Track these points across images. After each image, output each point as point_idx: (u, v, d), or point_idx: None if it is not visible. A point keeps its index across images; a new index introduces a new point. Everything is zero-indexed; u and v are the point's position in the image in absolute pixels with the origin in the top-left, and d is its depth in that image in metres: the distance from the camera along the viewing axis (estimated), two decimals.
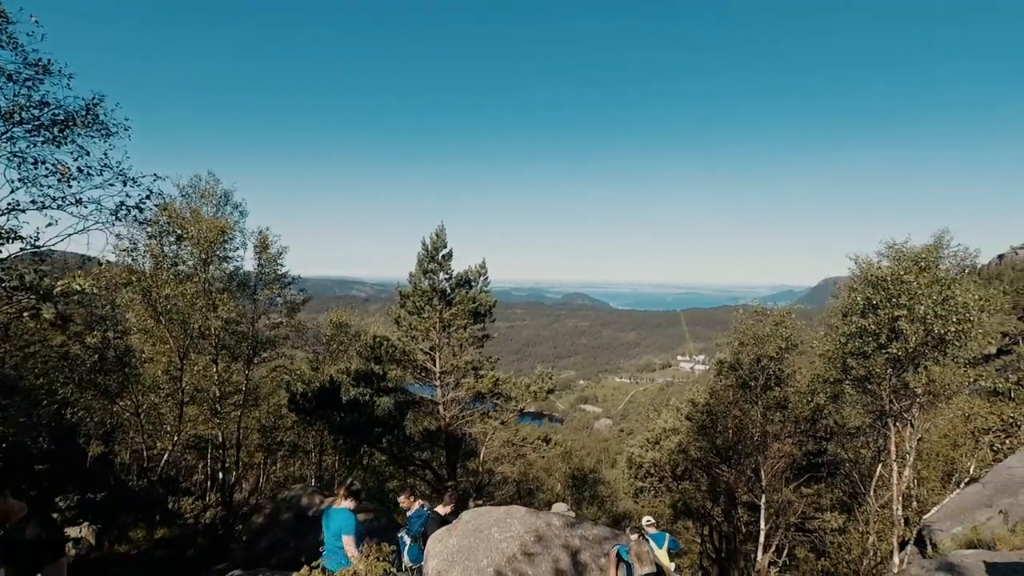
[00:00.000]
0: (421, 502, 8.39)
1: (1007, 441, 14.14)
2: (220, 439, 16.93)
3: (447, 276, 15.57)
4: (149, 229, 13.56)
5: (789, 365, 15.69)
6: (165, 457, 15.19)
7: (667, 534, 7.77)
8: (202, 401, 16.51)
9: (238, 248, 16.20)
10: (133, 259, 13.95)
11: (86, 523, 10.76)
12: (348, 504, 6.19)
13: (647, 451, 22.41)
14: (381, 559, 4.92)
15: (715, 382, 17.94)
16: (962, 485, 13.06)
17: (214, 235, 14.81)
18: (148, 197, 8.02)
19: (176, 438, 15.05)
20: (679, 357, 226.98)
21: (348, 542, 5.78)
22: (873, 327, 12.04)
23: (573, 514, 9.54)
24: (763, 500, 15.00)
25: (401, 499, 8.60)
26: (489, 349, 17.56)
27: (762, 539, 15.04)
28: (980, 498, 11.41)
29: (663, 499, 22.07)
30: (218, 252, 15.47)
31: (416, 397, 16.48)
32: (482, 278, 16.13)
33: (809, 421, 15.64)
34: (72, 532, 10.38)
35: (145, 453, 15.29)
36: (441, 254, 15.44)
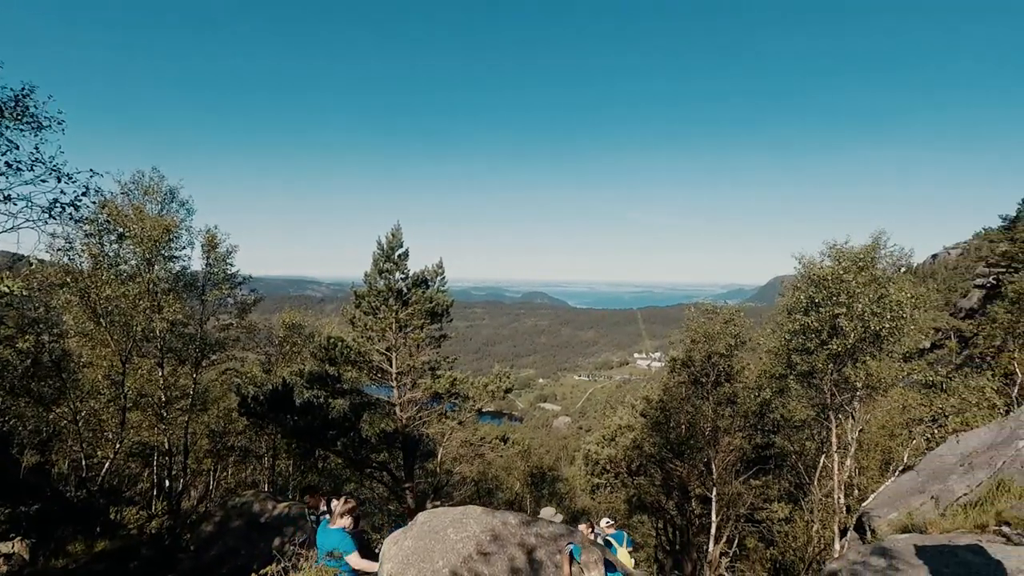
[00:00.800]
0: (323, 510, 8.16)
1: (936, 431, 14.97)
2: (166, 446, 16.31)
3: (403, 276, 15.41)
4: (87, 227, 12.93)
5: (738, 361, 16.23)
6: (106, 466, 14.52)
7: (625, 532, 7.93)
8: (146, 406, 15.87)
9: (185, 247, 15.64)
10: (70, 258, 13.27)
11: (19, 537, 10.20)
12: (344, 523, 6.29)
13: (603, 448, 22.78)
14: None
15: (668, 379, 18.40)
16: (897, 473, 13.76)
17: (159, 234, 14.25)
18: (84, 194, 7.67)
19: (118, 446, 14.41)
20: (636, 355, 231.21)
21: (354, 559, 6.06)
22: (816, 324, 12.60)
23: (560, 519, 9.58)
24: (714, 493, 15.47)
25: (308, 499, 8.27)
26: (448, 349, 17.48)
27: (713, 530, 15.50)
28: (914, 485, 11.96)
29: (619, 495, 22.47)
30: (163, 251, 14.89)
31: (372, 398, 16.25)
32: (439, 278, 16.03)
33: (757, 415, 16.23)
34: (3, 547, 9.82)
35: (84, 462, 14.57)
36: (397, 253, 15.26)
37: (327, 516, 6.97)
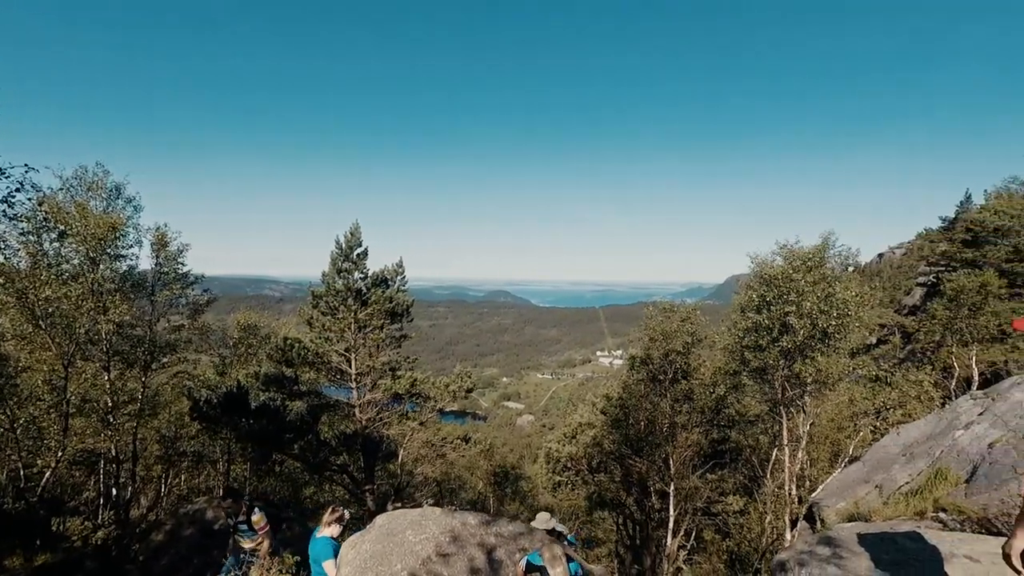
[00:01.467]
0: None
1: (881, 423, 15.66)
2: (113, 452, 15.64)
3: (362, 275, 15.21)
4: (23, 225, 12.28)
5: (695, 359, 16.61)
6: (48, 475, 13.81)
7: (566, 532, 8.00)
8: (91, 412, 15.17)
9: (132, 246, 15.00)
10: (5, 257, 12.58)
11: None
12: (331, 531, 6.62)
13: (564, 446, 22.97)
14: (284, 571, 4.77)
15: (628, 377, 18.68)
16: (844, 464, 14.32)
17: (104, 232, 13.63)
18: (19, 190, 7.28)
19: (60, 454, 13.73)
20: (599, 352, 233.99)
21: (328, 566, 6.32)
22: (767, 322, 13.01)
23: (554, 523, 9.57)
24: (672, 487, 15.79)
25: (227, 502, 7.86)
26: (410, 348, 17.35)
27: (671, 524, 15.83)
28: (860, 475, 12.44)
29: (580, 492, 22.70)
30: (108, 250, 14.25)
31: (331, 400, 15.99)
32: (399, 277, 15.89)
33: (713, 411, 16.65)
34: None
35: (22, 472, 13.85)
36: (356, 253, 15.06)
37: (244, 524, 6.79)
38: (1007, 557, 2.72)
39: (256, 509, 6.82)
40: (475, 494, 29.09)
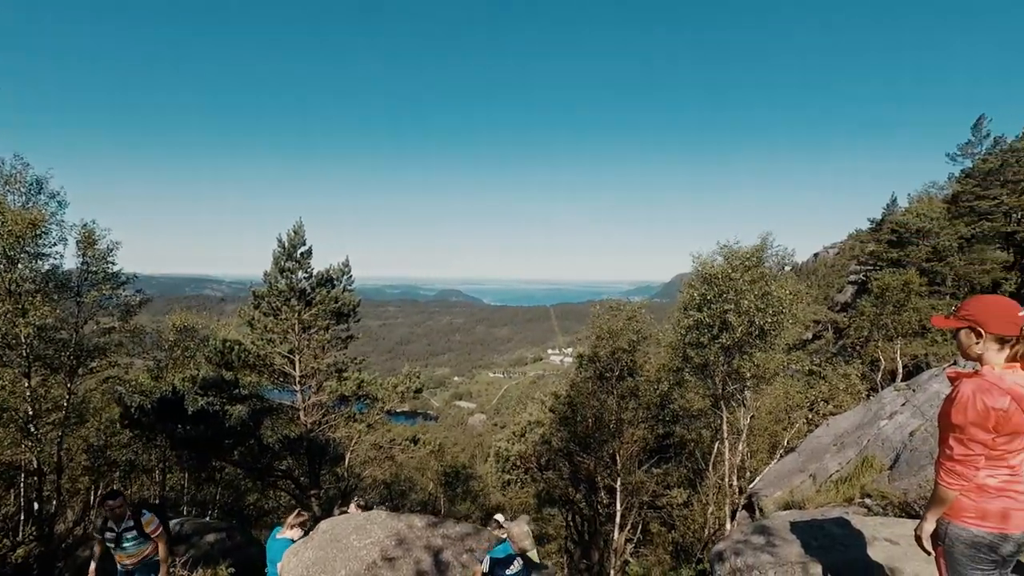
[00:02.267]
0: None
1: (815, 416, 16.46)
2: (35, 464, 14.68)
3: (307, 275, 14.82)
4: None
5: (641, 356, 16.99)
6: None
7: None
8: (9, 421, 14.18)
9: (56, 244, 14.11)
10: None
11: None
12: (292, 534, 6.63)
13: (513, 444, 23.05)
14: None
15: (576, 375, 18.92)
16: (781, 455, 14.96)
17: (22, 228, 12.76)
18: None
19: None
20: (550, 350, 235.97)
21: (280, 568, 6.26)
22: (708, 320, 13.46)
23: (506, 524, 9.49)
24: (619, 483, 16.10)
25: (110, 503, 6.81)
26: (359, 349, 17.04)
27: (618, 519, 16.13)
28: (796, 464, 12.99)
29: (529, 489, 22.83)
30: (28, 248, 13.36)
31: (274, 403, 15.52)
32: (346, 276, 15.56)
33: (658, 407, 17.08)
34: None
35: None
36: (300, 252, 14.65)
37: (133, 530, 5.92)
38: (918, 539, 2.89)
39: (145, 511, 6.10)
40: (425, 495, 28.85)
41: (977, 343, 2.67)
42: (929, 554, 2.87)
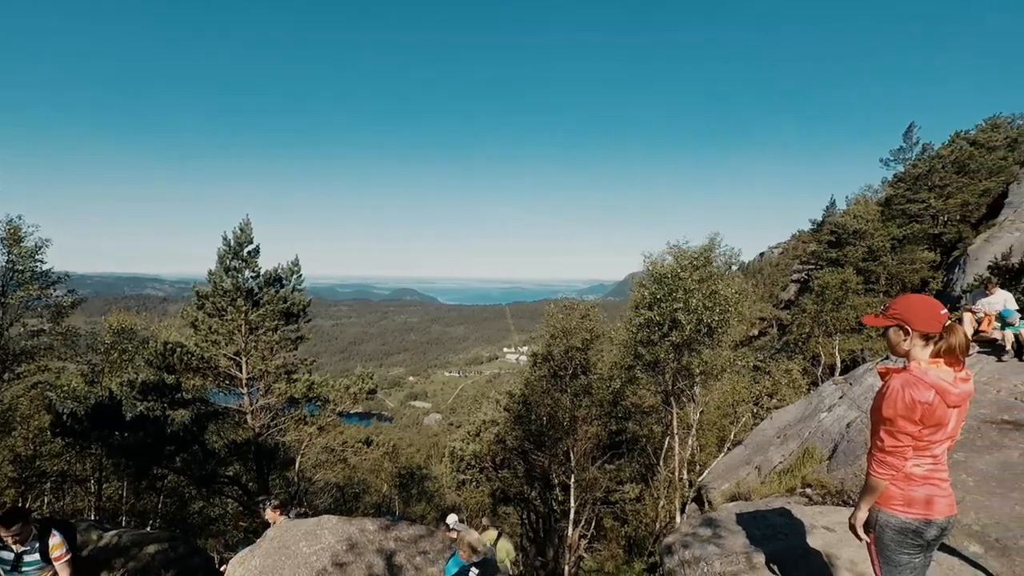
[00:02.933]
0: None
1: (760, 410, 17.08)
2: None
3: (254, 274, 14.33)
4: None
5: (594, 354, 17.23)
6: None
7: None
8: None
9: None
10: None
11: None
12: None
13: (468, 444, 22.99)
14: None
15: (530, 373, 19.03)
16: (729, 448, 15.45)
17: None
18: None
19: None
20: (505, 349, 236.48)
21: None
22: (658, 318, 13.77)
23: (464, 525, 9.33)
24: (573, 479, 16.27)
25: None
26: (310, 349, 16.62)
27: (572, 515, 16.31)
28: (742, 457, 13.40)
29: (484, 489, 22.83)
30: None
31: (220, 407, 14.95)
32: (295, 276, 15.13)
33: (611, 404, 17.35)
34: None
35: None
36: (247, 250, 14.16)
37: (36, 552, 5.01)
38: (852, 527, 3.02)
39: (54, 531, 5.09)
40: (379, 497, 28.45)
41: (904, 340, 2.81)
42: (861, 540, 3.01)
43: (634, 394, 17.48)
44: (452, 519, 9.05)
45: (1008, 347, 9.29)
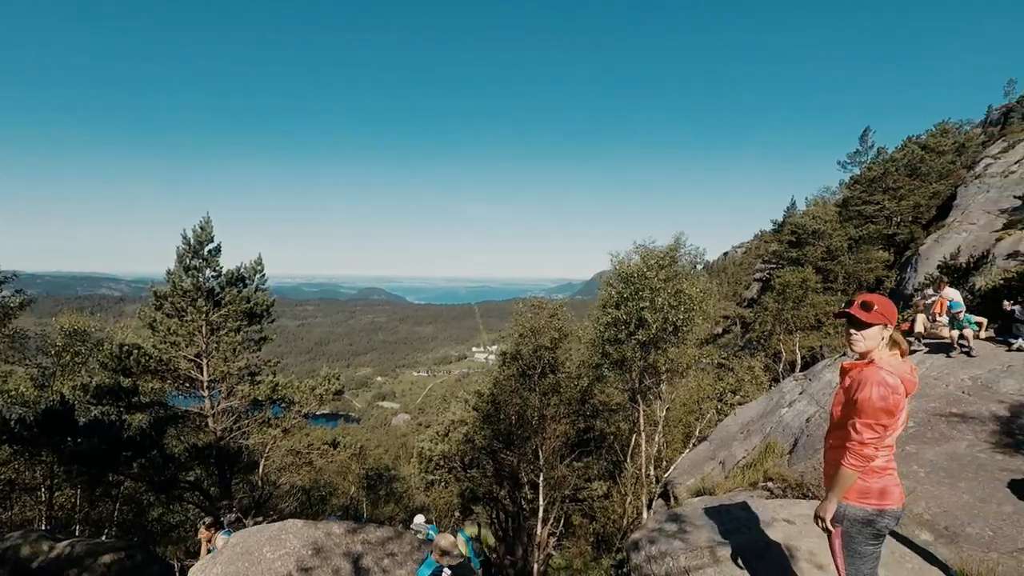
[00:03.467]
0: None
1: (724, 406, 17.46)
2: None
3: (215, 273, 13.95)
4: None
5: (563, 352, 17.34)
6: None
7: (437, 527, 8.02)
8: None
9: None
10: None
11: None
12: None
13: (437, 444, 22.87)
14: None
15: (499, 372, 19.05)
16: (694, 444, 15.74)
17: None
18: None
19: None
20: (474, 348, 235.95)
21: None
22: (625, 317, 13.94)
23: (428, 526, 9.22)
24: (541, 478, 16.34)
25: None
26: (275, 350, 16.28)
27: (541, 513, 16.38)
28: (707, 453, 13.65)
29: (453, 489, 22.75)
30: None
31: (179, 411, 14.51)
32: (258, 275, 14.79)
33: (579, 402, 17.49)
34: None
35: None
36: (207, 249, 13.76)
37: None
38: (823, 520, 3.07)
39: None
40: (347, 500, 28.06)
41: (883, 337, 2.93)
42: (828, 532, 3.06)
43: (602, 392, 17.65)
44: (418, 520, 9.02)
45: (955, 344, 9.71)
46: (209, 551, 7.59)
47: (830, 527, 3.04)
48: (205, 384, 14.00)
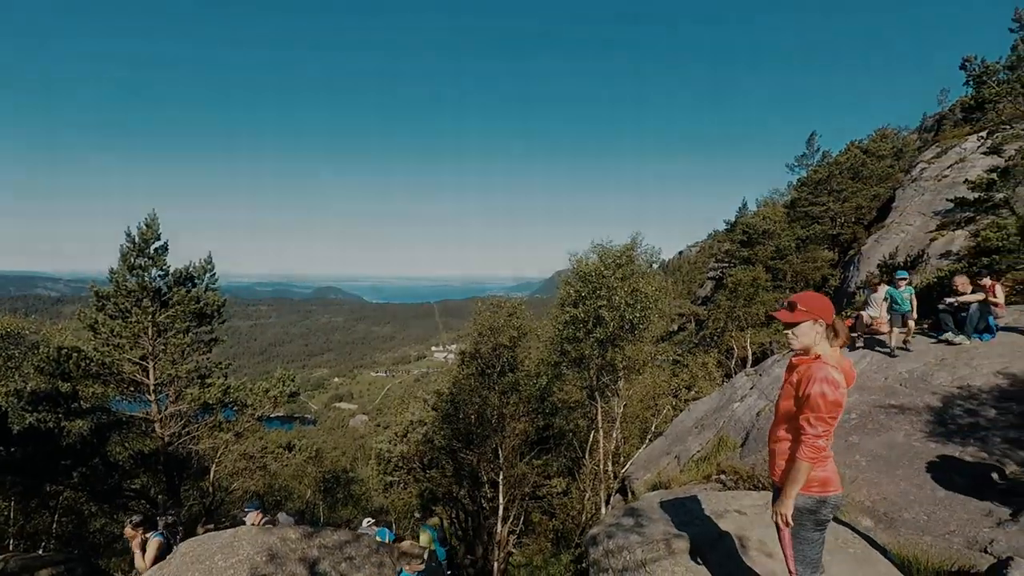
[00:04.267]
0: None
1: (679, 402, 17.90)
2: None
3: (162, 273, 13.41)
4: None
5: (522, 351, 17.44)
6: None
7: (387, 529, 8.02)
8: None
9: None
10: None
11: None
12: None
13: (395, 445, 22.64)
14: None
15: (458, 371, 19.01)
16: (650, 439, 16.06)
17: None
18: None
19: None
20: (433, 347, 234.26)
21: None
22: (582, 315, 14.14)
23: (375, 529, 9.06)
24: (501, 476, 16.40)
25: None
26: (227, 351, 15.77)
27: (501, 512, 16.44)
28: (663, 448, 13.93)
29: (412, 489, 22.58)
30: None
31: (124, 416, 13.89)
32: (208, 274, 14.30)
33: (538, 400, 17.62)
34: None
35: None
36: (153, 247, 13.21)
37: None
38: (783, 515, 3.13)
39: None
40: (303, 504, 27.46)
41: (817, 333, 3.05)
42: (789, 526, 3.14)
43: (560, 390, 17.83)
44: (365, 523, 9.01)
45: (893, 343, 10.23)
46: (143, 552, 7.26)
47: (791, 522, 3.11)
48: (152, 388, 13.45)
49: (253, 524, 8.28)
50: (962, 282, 10.33)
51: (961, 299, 10.05)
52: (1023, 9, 13.56)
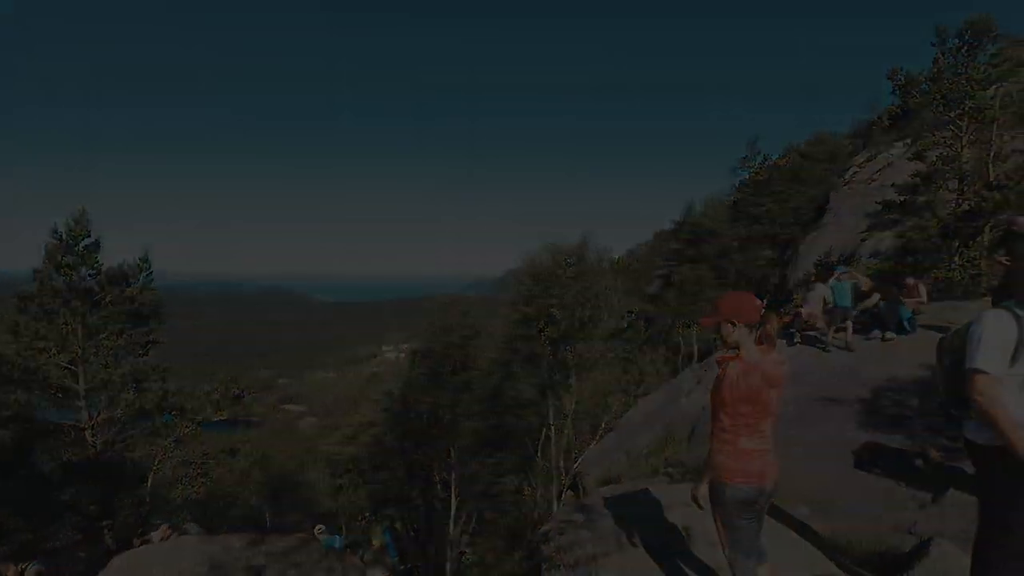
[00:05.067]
0: None
1: (627, 398, 18.23)
2: None
3: (93, 272, 12.67)
4: None
5: (474, 350, 17.41)
6: None
7: (338, 536, 7.95)
8: None
9: None
10: None
11: None
12: None
13: (345, 447, 22.24)
14: None
15: (410, 372, 18.83)
16: (601, 436, 16.33)
17: None
18: None
19: None
20: (384, 347, 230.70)
21: None
22: (534, 314, 14.27)
23: (323, 537, 8.84)
24: (454, 476, 16.34)
25: None
26: (167, 352, 15.09)
27: (453, 511, 16.38)
28: (614, 444, 14.19)
29: (362, 492, 22.24)
30: None
31: (50, 425, 13.08)
32: (144, 273, 13.63)
33: (491, 398, 17.64)
34: None
35: None
36: (83, 244, 12.47)
37: None
38: (695, 498, 3.56)
39: None
40: (248, 510, 26.57)
41: (733, 332, 3.24)
42: (702, 509, 3.53)
43: (513, 388, 17.89)
44: (316, 529, 8.92)
45: (829, 337, 10.77)
46: None
47: (703, 504, 3.49)
48: (82, 394, 12.71)
49: (163, 539, 8.00)
50: (867, 283, 11.13)
51: (864, 303, 10.81)
52: (945, 25, 14.50)
